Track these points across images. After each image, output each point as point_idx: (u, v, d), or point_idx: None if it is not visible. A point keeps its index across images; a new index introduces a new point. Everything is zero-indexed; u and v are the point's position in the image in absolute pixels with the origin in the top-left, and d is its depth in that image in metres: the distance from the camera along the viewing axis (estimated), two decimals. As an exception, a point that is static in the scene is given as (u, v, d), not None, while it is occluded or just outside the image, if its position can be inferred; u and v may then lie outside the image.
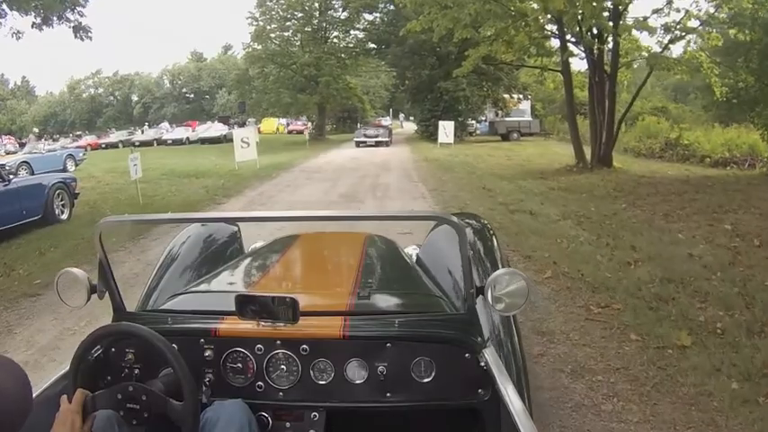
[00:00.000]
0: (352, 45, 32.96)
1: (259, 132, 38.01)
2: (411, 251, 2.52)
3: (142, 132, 39.32)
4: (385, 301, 1.73)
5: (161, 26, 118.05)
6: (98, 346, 1.44)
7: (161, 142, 32.85)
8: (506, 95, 28.75)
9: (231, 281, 2.01)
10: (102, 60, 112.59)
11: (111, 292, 1.52)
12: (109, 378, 1.44)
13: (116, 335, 1.42)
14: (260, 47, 31.62)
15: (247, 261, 2.27)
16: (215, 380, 1.42)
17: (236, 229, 2.70)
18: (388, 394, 1.40)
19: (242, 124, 29.70)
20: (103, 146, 32.98)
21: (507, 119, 28.21)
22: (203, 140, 31.95)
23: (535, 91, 29.17)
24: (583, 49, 12.19)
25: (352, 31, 32.91)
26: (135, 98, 62.89)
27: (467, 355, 1.39)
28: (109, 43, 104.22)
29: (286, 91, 30.75)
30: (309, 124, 36.26)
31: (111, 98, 62.83)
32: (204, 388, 1.40)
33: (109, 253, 1.51)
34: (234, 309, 1.40)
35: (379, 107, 46.92)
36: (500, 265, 2.03)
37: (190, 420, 1.23)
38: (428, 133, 26.78)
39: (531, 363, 2.71)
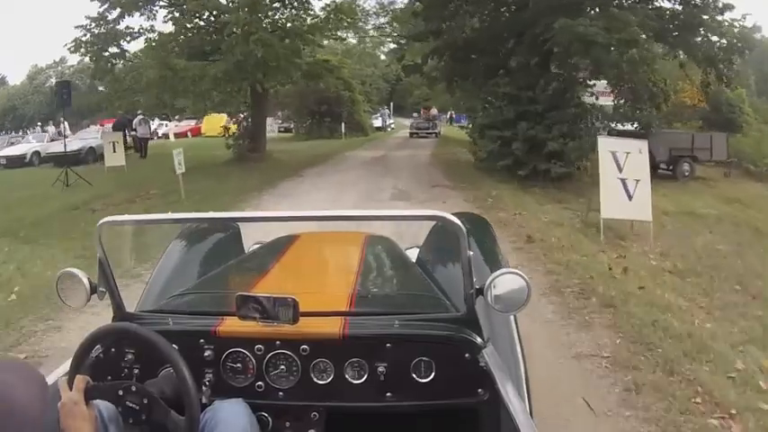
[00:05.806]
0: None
1: (196, 135, 25.22)
2: (411, 251, 2.54)
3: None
4: (385, 301, 1.76)
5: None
6: (98, 346, 1.44)
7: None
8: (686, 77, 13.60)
9: (231, 281, 2.02)
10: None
11: (110, 293, 1.51)
12: (109, 378, 1.43)
13: (117, 334, 1.43)
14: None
15: (247, 261, 2.33)
16: (215, 380, 1.43)
17: (236, 229, 2.72)
18: (388, 394, 1.41)
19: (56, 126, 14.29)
20: None
21: (663, 131, 13.66)
22: (54, 159, 15.75)
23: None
24: None
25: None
26: (101, 88, 55.97)
27: (467, 355, 1.40)
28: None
29: (153, 61, 13.15)
30: (232, 126, 17.38)
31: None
32: (204, 388, 1.40)
33: None
34: (234, 309, 1.41)
35: (376, 101, 34.82)
36: (500, 265, 2.00)
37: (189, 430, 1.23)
38: (510, 163, 10.43)
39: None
